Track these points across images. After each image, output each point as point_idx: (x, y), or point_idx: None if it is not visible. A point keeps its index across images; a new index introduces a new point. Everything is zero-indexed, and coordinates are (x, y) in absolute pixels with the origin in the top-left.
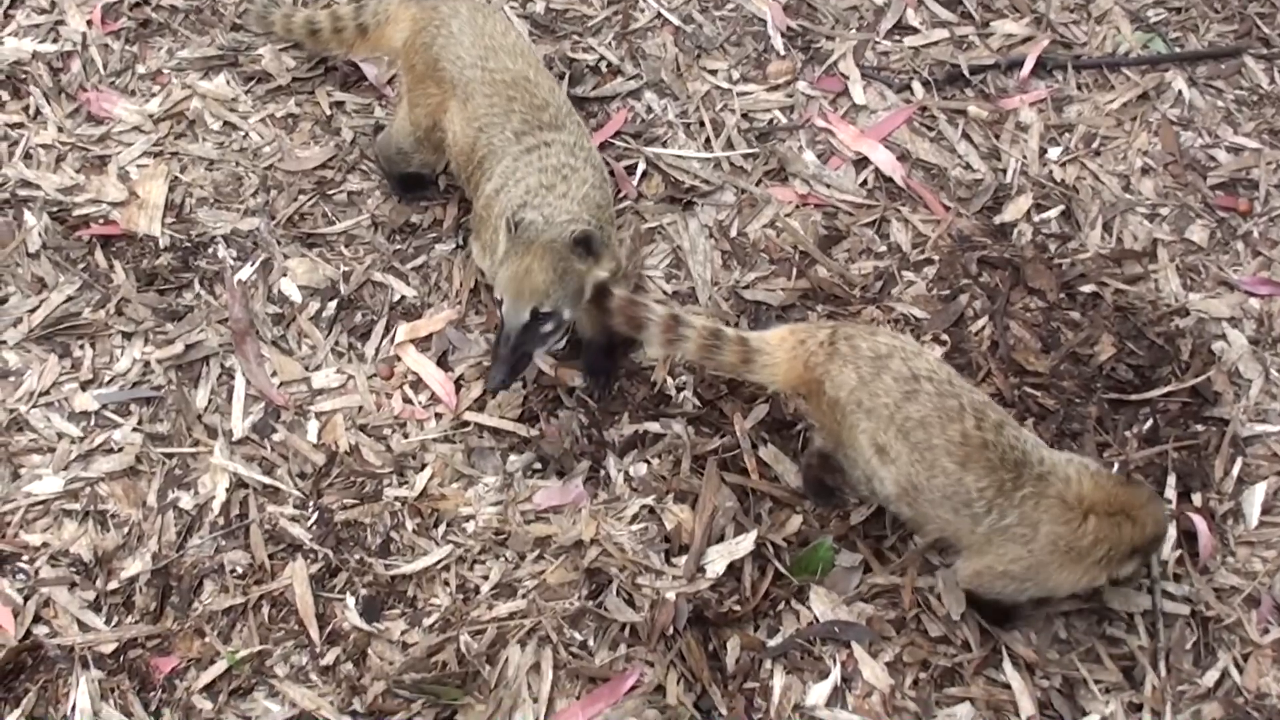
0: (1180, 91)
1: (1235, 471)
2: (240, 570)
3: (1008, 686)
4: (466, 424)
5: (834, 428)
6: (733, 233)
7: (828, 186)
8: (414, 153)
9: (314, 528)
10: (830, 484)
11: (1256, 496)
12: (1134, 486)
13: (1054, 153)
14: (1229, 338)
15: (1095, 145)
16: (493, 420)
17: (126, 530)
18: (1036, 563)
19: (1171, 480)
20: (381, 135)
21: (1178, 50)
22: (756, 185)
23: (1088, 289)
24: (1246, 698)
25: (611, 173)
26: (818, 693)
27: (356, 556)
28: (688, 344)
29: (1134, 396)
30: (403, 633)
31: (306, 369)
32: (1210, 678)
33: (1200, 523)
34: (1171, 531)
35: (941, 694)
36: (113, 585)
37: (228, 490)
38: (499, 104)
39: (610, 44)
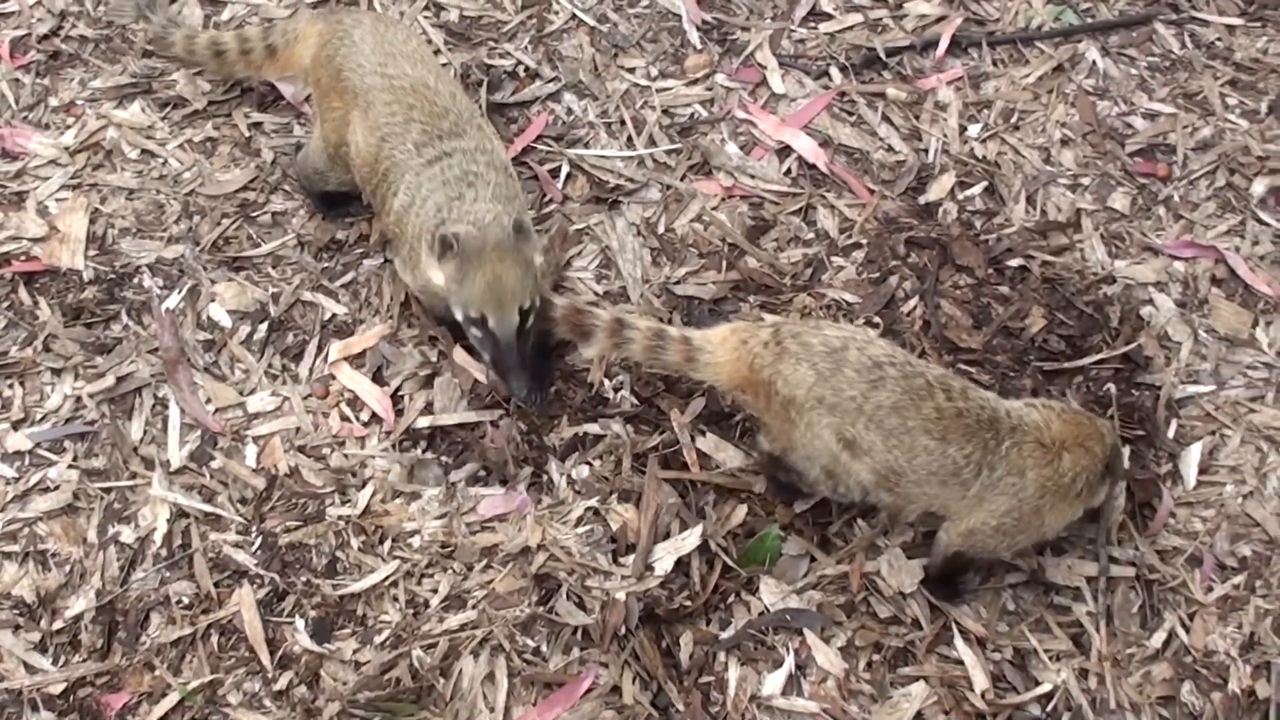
0: (1094, 62)
1: (1171, 433)
2: (186, 600)
3: (960, 662)
4: (406, 438)
5: (785, 428)
6: (660, 229)
7: (752, 177)
8: (329, 171)
9: (258, 552)
10: (788, 481)
11: (1193, 457)
12: (1082, 413)
13: (974, 130)
14: (1156, 302)
15: (1014, 120)
16: (448, 419)
17: (68, 568)
18: (1028, 509)
19: (1126, 451)
20: (299, 155)
21: (1089, 21)
22: (681, 180)
23: (1015, 263)
24: (1195, 656)
25: (534, 176)
26: (773, 682)
27: (303, 578)
28: (633, 346)
29: (1067, 365)
30: (354, 652)
31: (241, 394)
32: (1158, 639)
33: (1164, 489)
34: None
35: (895, 674)
36: (58, 625)
37: (169, 521)
38: (399, 112)
39: (526, 48)
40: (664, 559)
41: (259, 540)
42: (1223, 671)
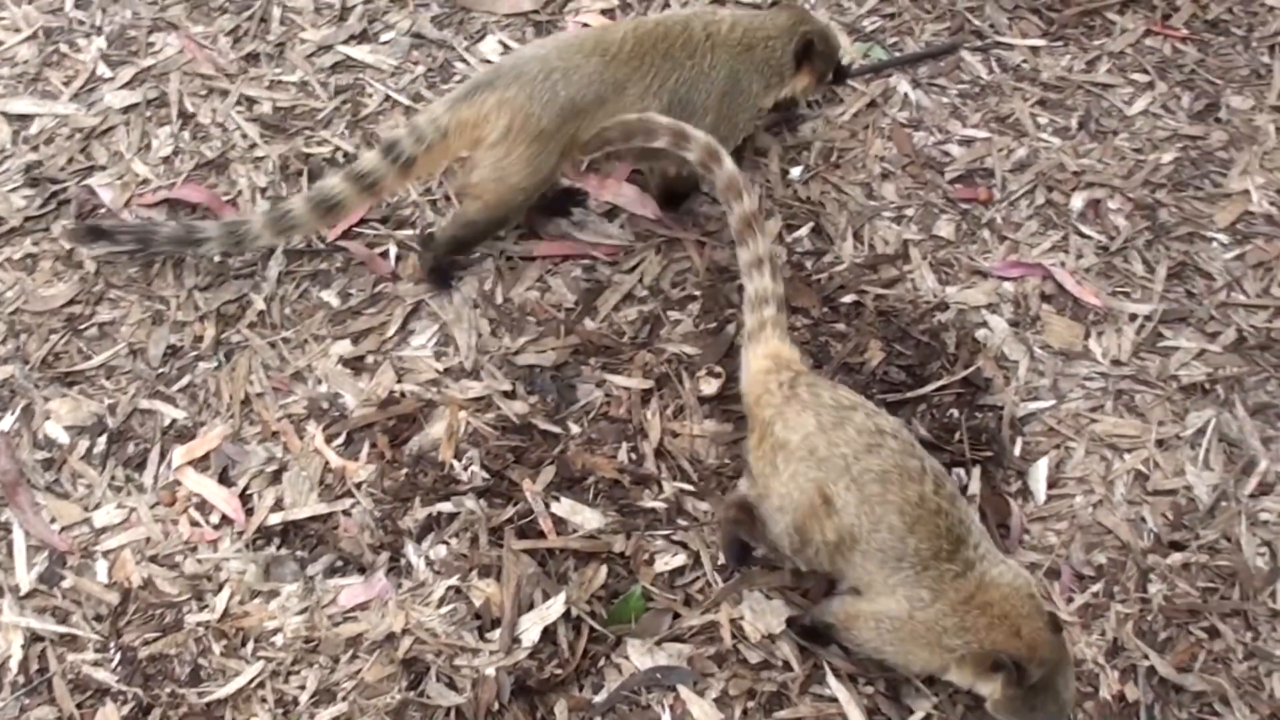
0: (906, 94)
1: (1018, 451)
2: None
3: (835, 700)
4: (259, 536)
5: (767, 474)
6: (498, 299)
7: (583, 240)
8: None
9: (119, 669)
10: (749, 543)
11: (1040, 472)
12: (1037, 599)
13: (795, 172)
14: (990, 324)
15: (833, 159)
16: (299, 512)
17: None
18: (908, 632)
19: (976, 472)
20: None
21: (897, 55)
22: (515, 247)
23: (849, 299)
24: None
25: (361, 261)
26: None
27: (168, 690)
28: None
29: (909, 395)
30: None
31: (86, 509)
32: None
33: (1013, 505)
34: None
35: (772, 718)
36: None
37: (23, 647)
38: None
39: (343, 134)
40: (530, 630)
41: (118, 656)
42: (1092, 680)
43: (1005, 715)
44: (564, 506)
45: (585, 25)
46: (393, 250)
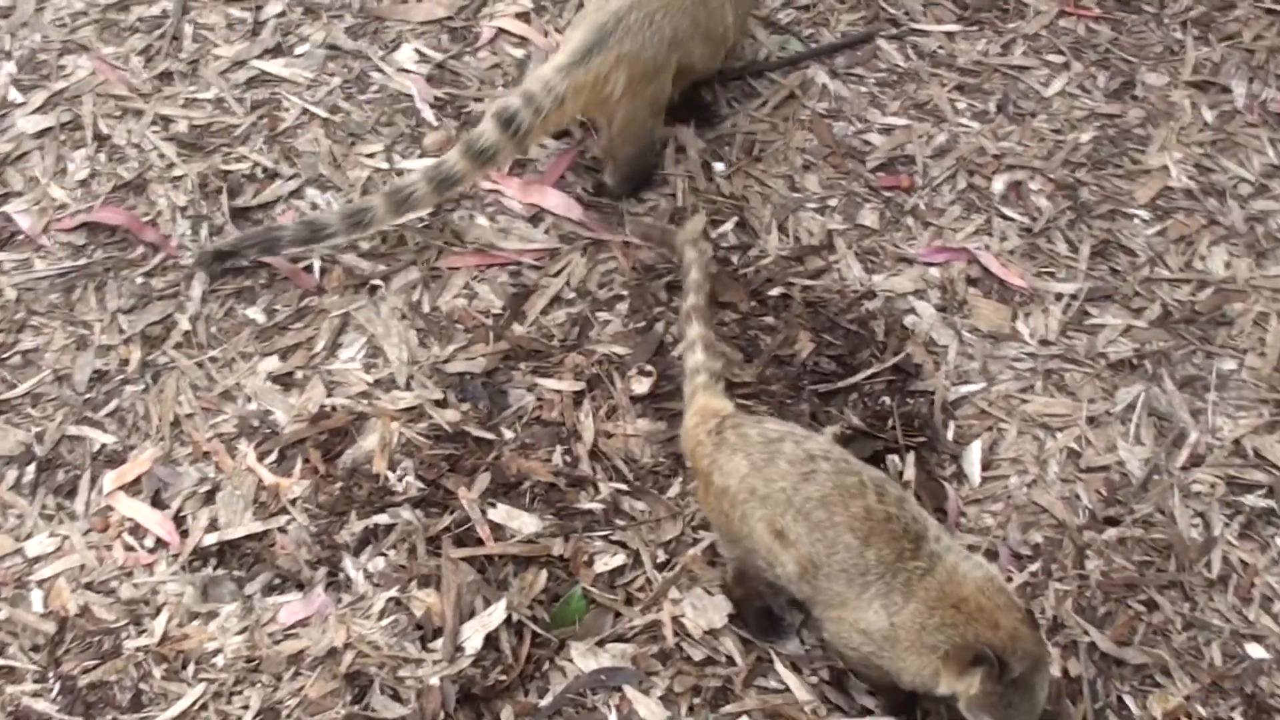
0: (824, 85)
1: (950, 435)
2: None
3: (779, 691)
4: (195, 558)
5: (722, 522)
6: (425, 309)
7: (507, 245)
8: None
9: (59, 698)
10: (775, 610)
11: (974, 455)
12: (1015, 600)
13: (718, 167)
14: (918, 310)
15: (755, 152)
16: (234, 532)
17: None
18: (894, 639)
19: (911, 458)
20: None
21: (814, 46)
22: (438, 258)
23: (776, 292)
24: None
25: (286, 276)
26: None
27: (110, 717)
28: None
29: (840, 385)
30: None
31: (17, 539)
32: None
33: (948, 489)
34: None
35: (719, 714)
36: None
37: None
38: None
39: (261, 149)
40: (473, 637)
41: (58, 686)
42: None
43: (979, 712)
44: (501, 512)
45: (501, 30)
46: (316, 264)
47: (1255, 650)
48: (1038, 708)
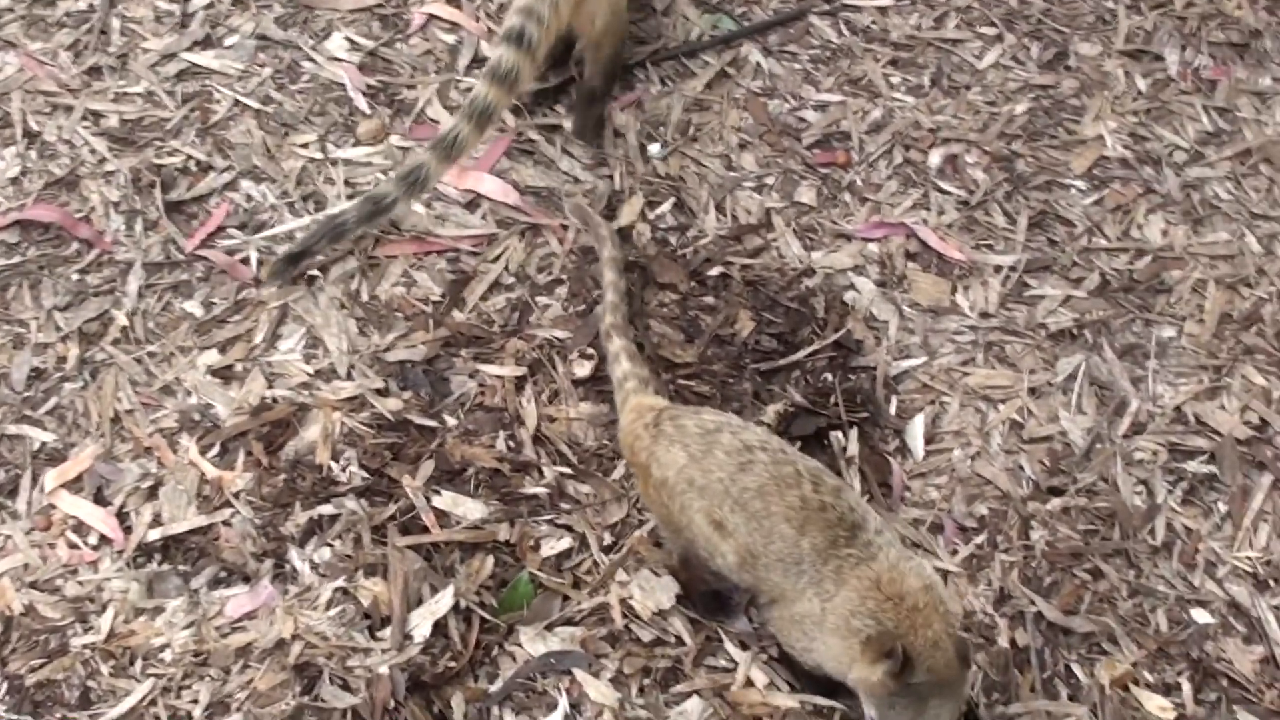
0: (758, 63)
1: (893, 410)
2: None
3: (729, 669)
4: (140, 554)
5: (664, 515)
6: (364, 298)
7: (445, 232)
8: None
9: (6, 698)
10: (722, 590)
11: (917, 429)
12: (943, 600)
13: (654, 149)
14: (857, 286)
15: (690, 133)
16: (178, 526)
17: None
18: (823, 624)
19: (854, 434)
20: None
21: (746, 25)
22: (375, 247)
23: (715, 272)
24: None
25: (223, 270)
26: None
27: (58, 715)
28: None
29: (782, 363)
30: None
31: None
32: None
33: (893, 463)
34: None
35: (669, 694)
36: None
37: None
38: None
39: (194, 142)
40: (421, 625)
41: (4, 685)
42: (985, 630)
43: (867, 698)
44: (445, 499)
45: (431, 16)
46: (253, 256)
47: (1200, 615)
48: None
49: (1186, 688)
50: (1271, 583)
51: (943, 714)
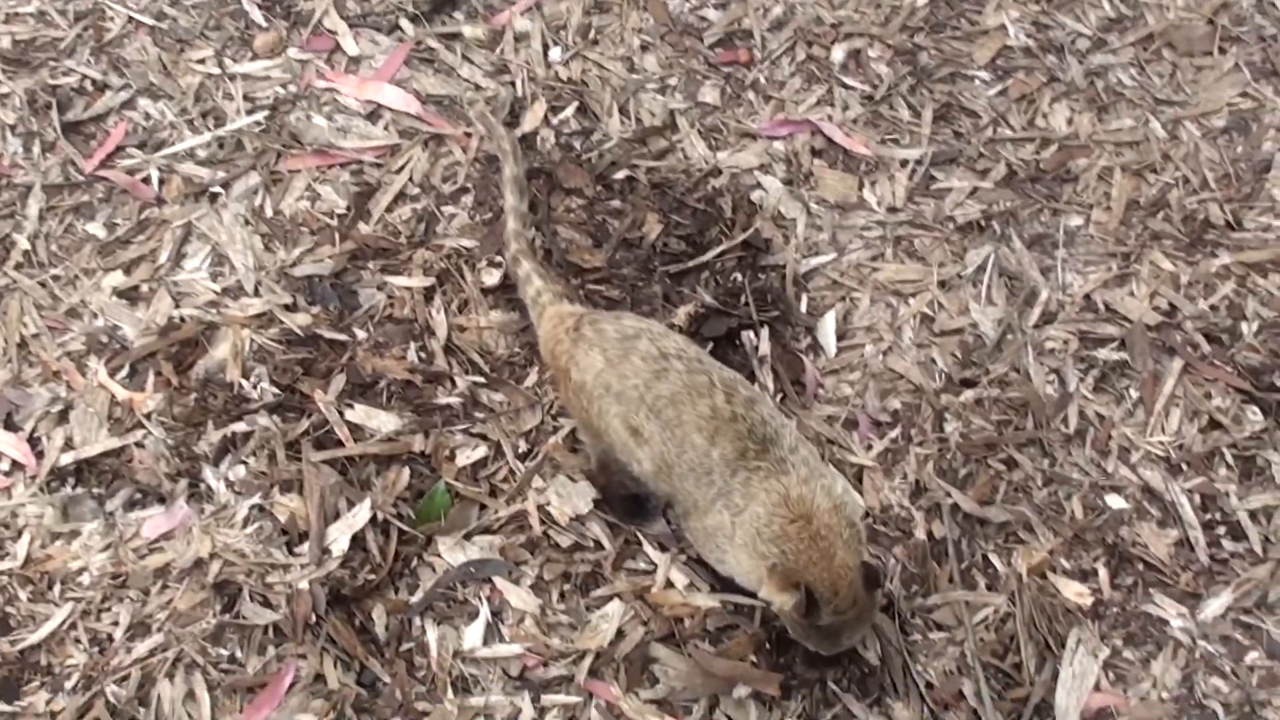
0: None
1: (804, 308)
2: None
3: (649, 572)
4: (53, 478)
5: (584, 416)
6: (268, 213)
7: (347, 144)
8: None
9: None
10: (639, 494)
11: (829, 326)
12: (852, 520)
13: (555, 53)
14: (764, 185)
15: (591, 36)
16: (90, 450)
17: None
18: (732, 539)
19: (765, 333)
20: None
21: None
22: (277, 161)
23: (621, 175)
24: (872, 516)
25: (124, 190)
26: (472, 634)
27: None
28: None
29: (691, 264)
30: (47, 703)
31: None
32: None
33: (805, 361)
34: (769, 386)
35: (589, 598)
36: None
37: None
38: None
39: (89, 61)
40: (339, 539)
41: None
42: (902, 524)
43: (786, 622)
44: (358, 413)
45: None
46: (154, 174)
47: (1115, 501)
48: (839, 648)
49: (1103, 573)
50: (1184, 466)
51: (855, 637)
